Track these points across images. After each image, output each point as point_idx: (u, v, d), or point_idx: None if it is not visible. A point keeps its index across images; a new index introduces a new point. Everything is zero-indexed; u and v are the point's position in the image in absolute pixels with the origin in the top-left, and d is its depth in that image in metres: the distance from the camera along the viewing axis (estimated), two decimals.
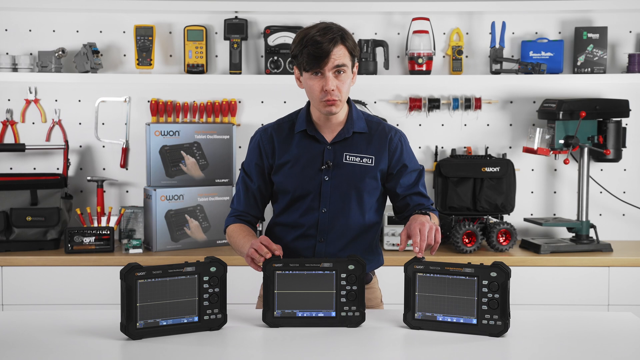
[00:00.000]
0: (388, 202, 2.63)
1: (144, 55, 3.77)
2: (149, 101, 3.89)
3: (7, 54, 3.81)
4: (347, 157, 2.50)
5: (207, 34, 3.84)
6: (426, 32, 3.81)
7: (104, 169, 3.93)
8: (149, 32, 3.77)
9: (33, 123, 3.89)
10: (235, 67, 3.80)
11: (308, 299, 2.26)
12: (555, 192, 3.97)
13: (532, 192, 3.96)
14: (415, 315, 2.24)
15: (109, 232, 3.57)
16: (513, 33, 3.90)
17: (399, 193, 2.54)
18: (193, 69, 3.79)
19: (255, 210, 2.59)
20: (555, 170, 3.96)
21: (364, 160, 2.51)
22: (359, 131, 2.52)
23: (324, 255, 2.49)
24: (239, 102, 3.92)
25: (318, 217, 2.49)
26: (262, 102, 3.92)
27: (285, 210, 2.54)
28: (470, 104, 3.87)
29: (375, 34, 3.89)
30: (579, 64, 3.82)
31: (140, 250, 3.57)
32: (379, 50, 3.84)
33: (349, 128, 2.51)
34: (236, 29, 3.80)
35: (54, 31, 3.86)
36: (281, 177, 2.52)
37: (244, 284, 3.02)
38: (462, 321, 2.21)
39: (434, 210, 2.55)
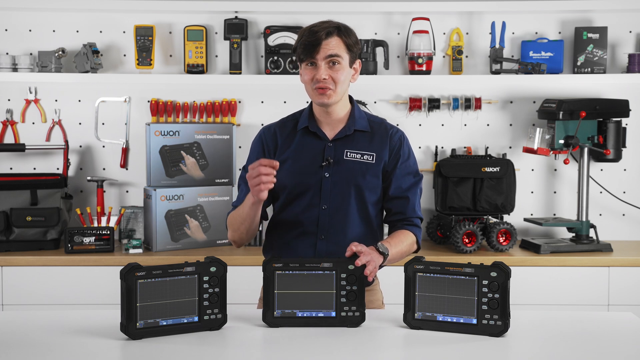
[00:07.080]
0: None
1: (144, 55, 3.77)
2: (149, 101, 3.89)
3: (7, 54, 3.81)
4: (348, 154, 2.51)
5: (207, 34, 3.84)
6: (426, 32, 3.81)
7: (104, 169, 3.93)
8: (149, 32, 3.76)
9: (33, 123, 3.89)
10: (235, 67, 3.80)
11: (308, 299, 2.26)
12: (555, 192, 3.97)
13: (532, 192, 3.96)
14: (415, 315, 2.24)
15: (109, 232, 3.57)
16: (513, 33, 3.90)
17: (389, 194, 2.54)
18: (193, 69, 3.78)
19: None
20: (555, 170, 3.96)
21: (365, 157, 2.51)
22: (360, 129, 2.53)
23: (325, 253, 2.48)
24: (239, 102, 3.91)
25: (318, 213, 2.49)
26: (262, 102, 3.92)
27: (286, 207, 2.54)
28: (470, 104, 3.87)
29: (375, 34, 3.89)
30: (579, 64, 3.82)
31: (140, 250, 3.57)
32: (379, 50, 3.84)
33: (351, 126, 2.52)
34: (236, 29, 3.80)
35: (54, 31, 3.86)
36: (282, 173, 2.52)
37: (244, 284, 3.02)
38: (462, 321, 2.21)
39: (415, 226, 2.53)
